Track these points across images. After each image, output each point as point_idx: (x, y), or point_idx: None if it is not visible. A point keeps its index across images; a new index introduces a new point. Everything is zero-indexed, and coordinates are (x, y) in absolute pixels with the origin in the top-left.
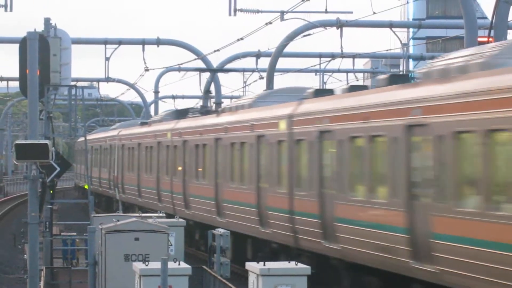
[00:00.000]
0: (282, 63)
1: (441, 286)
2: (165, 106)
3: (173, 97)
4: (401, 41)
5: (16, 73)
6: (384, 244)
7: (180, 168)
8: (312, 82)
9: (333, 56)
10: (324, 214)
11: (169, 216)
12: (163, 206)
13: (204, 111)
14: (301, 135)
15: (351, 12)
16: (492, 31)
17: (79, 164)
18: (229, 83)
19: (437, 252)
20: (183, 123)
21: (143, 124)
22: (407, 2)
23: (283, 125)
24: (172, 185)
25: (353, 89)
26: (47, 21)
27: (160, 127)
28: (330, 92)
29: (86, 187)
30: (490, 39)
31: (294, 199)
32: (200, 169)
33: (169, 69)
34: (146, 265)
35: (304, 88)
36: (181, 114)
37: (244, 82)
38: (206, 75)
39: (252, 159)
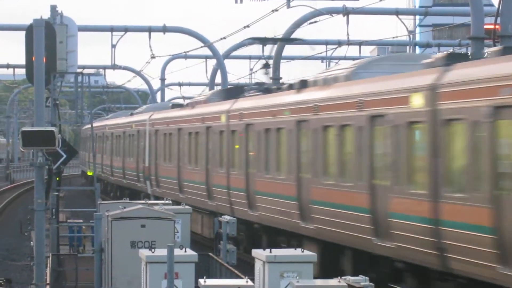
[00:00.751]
0: (288, 50)
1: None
2: (171, 94)
3: (180, 85)
4: (407, 28)
5: (22, 61)
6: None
7: (241, 158)
8: (319, 69)
9: (339, 43)
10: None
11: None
12: (214, 205)
13: (264, 88)
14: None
15: None
16: (499, 18)
17: (88, 152)
18: (235, 70)
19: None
20: (243, 103)
21: (175, 106)
22: None
23: (419, 100)
24: (229, 180)
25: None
26: (53, 8)
27: (209, 109)
28: (465, 57)
29: (90, 173)
30: (497, 27)
31: None
32: (272, 160)
33: (175, 57)
34: (153, 252)
35: (417, 56)
36: (234, 93)
37: (251, 69)
38: (213, 62)
39: (364, 146)
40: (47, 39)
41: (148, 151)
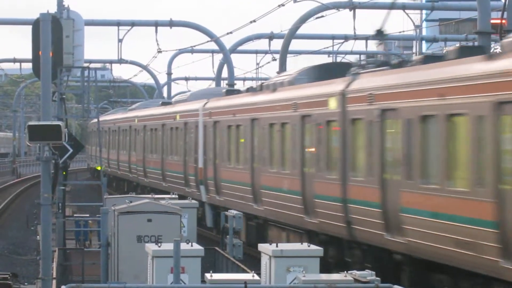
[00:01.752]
0: (295, 45)
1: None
2: (178, 88)
3: (186, 79)
4: (414, 23)
5: (29, 55)
6: None
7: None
8: None
9: (346, 38)
10: None
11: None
12: (317, 222)
13: (381, 62)
14: None
15: None
16: (505, 13)
17: (117, 149)
18: (241, 65)
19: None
20: (364, 81)
21: (230, 92)
22: None
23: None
24: (344, 190)
25: None
26: (60, 2)
27: (304, 92)
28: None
29: (98, 168)
30: (503, 21)
31: None
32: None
33: (182, 51)
34: (159, 247)
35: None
36: (326, 71)
37: (257, 64)
38: (219, 57)
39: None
40: (53, 34)
41: (202, 149)
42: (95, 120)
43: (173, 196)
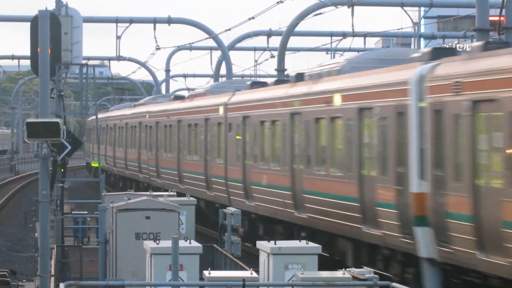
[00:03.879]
0: (293, 42)
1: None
2: (176, 85)
3: (184, 76)
4: (412, 20)
5: (27, 52)
6: None
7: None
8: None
9: (344, 35)
10: None
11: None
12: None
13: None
14: None
15: None
16: (504, 10)
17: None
18: (240, 62)
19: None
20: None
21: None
22: None
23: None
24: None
25: None
26: None
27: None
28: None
29: (94, 165)
30: (502, 18)
31: None
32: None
33: (180, 48)
34: (157, 244)
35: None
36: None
37: (255, 61)
38: (217, 54)
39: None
40: (52, 30)
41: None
42: (125, 111)
43: (171, 193)
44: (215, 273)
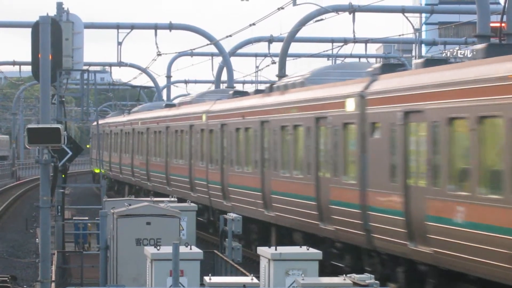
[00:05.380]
0: (294, 48)
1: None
2: (177, 91)
3: (186, 82)
4: (413, 26)
5: (28, 58)
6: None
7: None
8: None
9: (345, 41)
10: None
11: None
12: None
13: None
14: None
15: None
16: (505, 17)
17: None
18: (241, 68)
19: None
20: None
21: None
22: None
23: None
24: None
25: None
26: (59, 5)
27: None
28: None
29: (96, 170)
30: (503, 24)
31: None
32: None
33: (181, 54)
34: (158, 250)
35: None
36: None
37: (257, 67)
38: (219, 60)
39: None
40: (53, 36)
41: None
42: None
43: (172, 199)
44: (216, 279)
